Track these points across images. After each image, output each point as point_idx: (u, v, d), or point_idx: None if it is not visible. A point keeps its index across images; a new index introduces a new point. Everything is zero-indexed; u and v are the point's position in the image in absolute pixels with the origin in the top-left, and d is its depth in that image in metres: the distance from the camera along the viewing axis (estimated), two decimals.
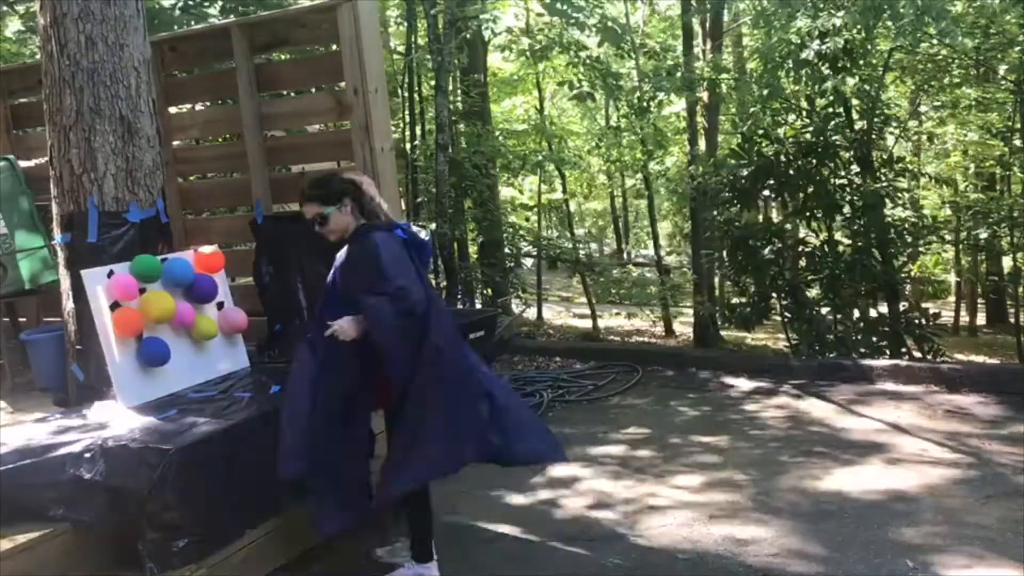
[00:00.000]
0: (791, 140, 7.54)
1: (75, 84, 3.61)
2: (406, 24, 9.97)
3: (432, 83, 9.24)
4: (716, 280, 12.05)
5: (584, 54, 10.54)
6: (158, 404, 3.46)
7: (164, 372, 3.60)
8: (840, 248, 7.55)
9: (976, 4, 8.90)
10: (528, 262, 12.67)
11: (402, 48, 10.69)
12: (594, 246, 21.57)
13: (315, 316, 3.28)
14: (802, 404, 5.62)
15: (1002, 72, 9.10)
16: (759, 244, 7.51)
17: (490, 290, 9.93)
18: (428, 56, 9.43)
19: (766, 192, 7.70)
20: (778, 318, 8.10)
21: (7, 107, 5.37)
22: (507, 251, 11.01)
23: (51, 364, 4.19)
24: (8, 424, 3.61)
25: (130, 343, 3.51)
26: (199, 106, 5.72)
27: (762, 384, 6.15)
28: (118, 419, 3.29)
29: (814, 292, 7.73)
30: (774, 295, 7.66)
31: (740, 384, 6.24)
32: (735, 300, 8.50)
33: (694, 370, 6.70)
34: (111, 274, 3.48)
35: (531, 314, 11.74)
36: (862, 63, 7.65)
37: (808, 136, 7.44)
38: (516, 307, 10.23)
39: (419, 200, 9.67)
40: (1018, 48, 8.44)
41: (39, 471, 3.02)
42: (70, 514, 3.02)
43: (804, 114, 7.62)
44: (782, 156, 7.38)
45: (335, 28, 4.13)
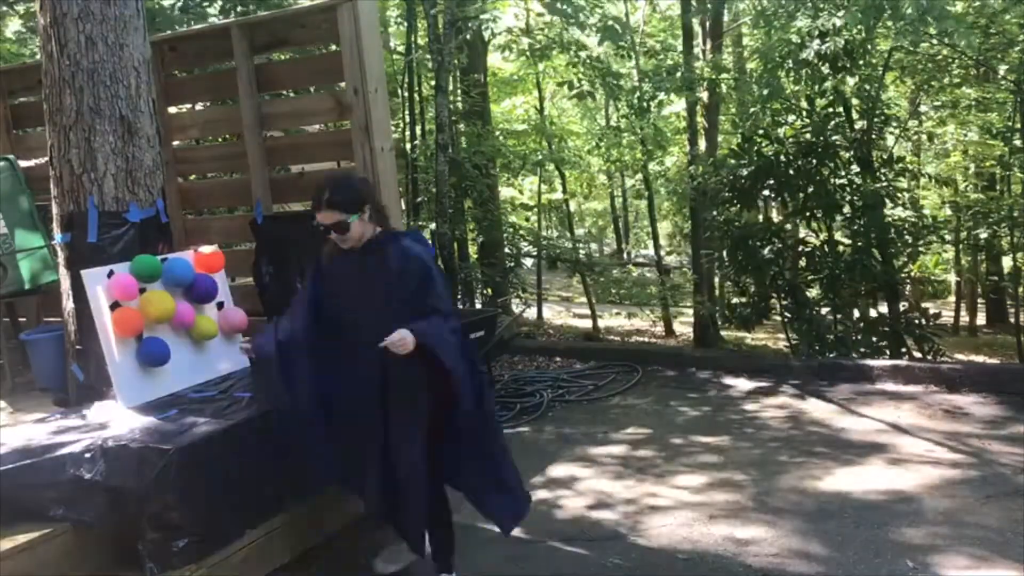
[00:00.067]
0: (791, 140, 7.52)
1: (75, 84, 3.61)
2: (406, 24, 9.95)
3: (432, 83, 9.22)
4: (716, 280, 12.02)
5: (584, 54, 10.53)
6: (158, 404, 3.46)
7: (164, 372, 3.61)
8: (840, 248, 7.53)
9: (976, 4, 8.89)
10: (528, 262, 12.66)
11: (402, 48, 10.68)
12: (594, 246, 21.58)
13: (333, 323, 3.12)
14: (802, 404, 5.62)
15: (1002, 72, 9.10)
16: (759, 244, 7.50)
17: (490, 290, 9.92)
18: (428, 56, 9.42)
19: (766, 192, 7.67)
20: (778, 318, 8.09)
21: (7, 107, 5.37)
22: (507, 251, 10.99)
23: (51, 364, 4.19)
24: (8, 424, 3.62)
25: (130, 343, 3.51)
26: (199, 106, 5.72)
27: (762, 384, 6.15)
28: (118, 419, 3.30)
29: (814, 292, 7.72)
30: (774, 295, 7.65)
31: (740, 384, 6.23)
32: (735, 300, 8.48)
33: (694, 370, 6.70)
34: (111, 274, 3.48)
35: (531, 314, 11.72)
36: (862, 63, 7.64)
37: (808, 136, 7.42)
38: (516, 307, 10.22)
39: (419, 200, 9.67)
40: (1018, 48, 8.44)
41: (39, 471, 3.03)
42: (70, 514, 3.02)
43: (804, 114, 7.60)
44: (782, 156, 7.37)
45: (335, 28, 4.13)
